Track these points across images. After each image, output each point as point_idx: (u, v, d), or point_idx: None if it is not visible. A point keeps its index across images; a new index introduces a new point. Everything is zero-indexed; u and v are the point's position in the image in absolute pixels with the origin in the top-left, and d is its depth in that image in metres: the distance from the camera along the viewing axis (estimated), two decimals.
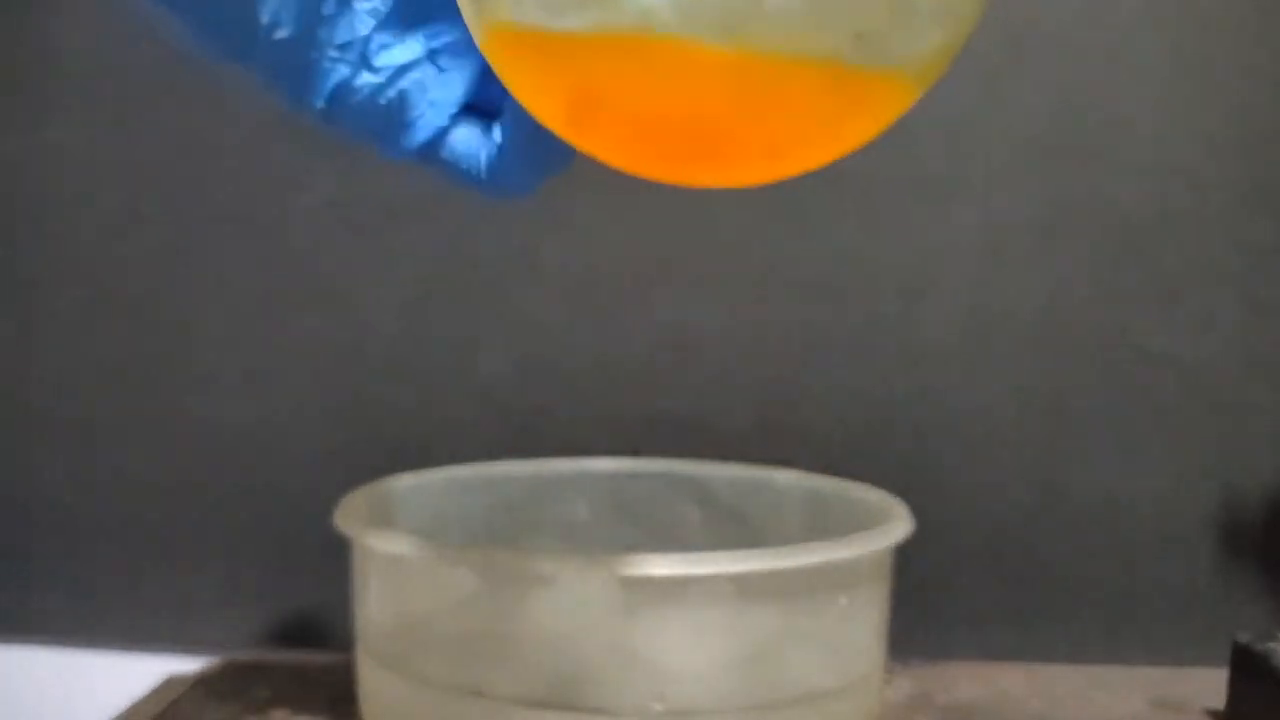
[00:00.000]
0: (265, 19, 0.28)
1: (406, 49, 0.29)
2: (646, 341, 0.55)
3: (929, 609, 0.55)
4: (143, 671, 0.56)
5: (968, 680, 0.52)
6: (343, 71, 0.29)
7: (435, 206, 0.56)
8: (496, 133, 0.30)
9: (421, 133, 0.30)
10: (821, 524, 0.46)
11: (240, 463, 0.56)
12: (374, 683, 0.41)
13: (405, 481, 0.47)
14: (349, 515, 0.41)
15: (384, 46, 0.28)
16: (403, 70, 0.29)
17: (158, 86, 0.55)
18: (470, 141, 0.30)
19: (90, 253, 0.56)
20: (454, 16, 0.27)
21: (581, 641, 0.37)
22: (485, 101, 0.30)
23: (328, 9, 0.28)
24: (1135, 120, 0.53)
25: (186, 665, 0.53)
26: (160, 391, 0.56)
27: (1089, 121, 0.53)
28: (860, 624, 0.40)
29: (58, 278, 0.56)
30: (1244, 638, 0.45)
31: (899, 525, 0.40)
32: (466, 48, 0.29)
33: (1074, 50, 0.53)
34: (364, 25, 0.28)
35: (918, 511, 0.42)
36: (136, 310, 0.56)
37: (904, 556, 0.42)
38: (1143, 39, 0.53)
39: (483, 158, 0.30)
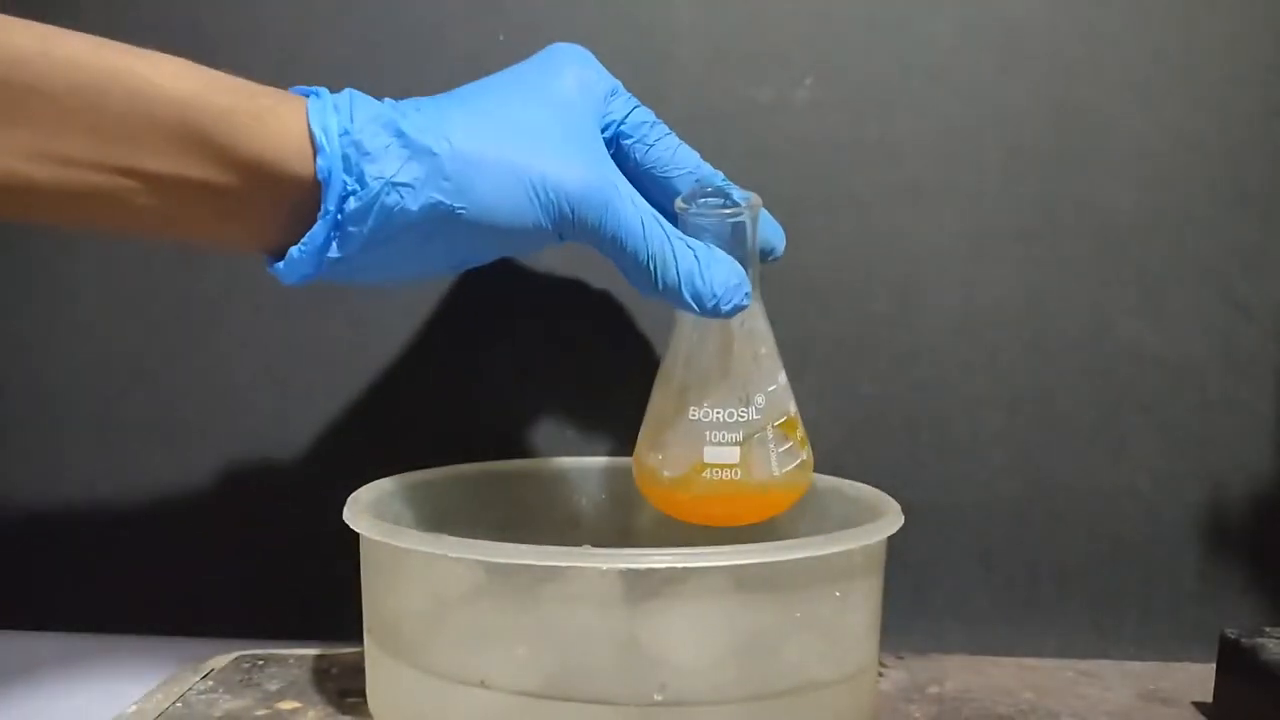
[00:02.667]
0: None
1: None
2: (646, 341, 0.55)
3: (921, 603, 0.55)
4: (154, 663, 0.57)
5: (959, 672, 0.52)
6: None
7: None
8: None
9: None
10: (816, 519, 0.46)
11: (253, 457, 0.56)
12: (382, 674, 0.42)
13: (413, 478, 0.48)
14: (358, 510, 0.41)
15: None
16: None
17: None
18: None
19: (109, 254, 0.56)
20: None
21: (583, 633, 0.37)
22: None
23: None
24: (1120, 124, 0.53)
25: (198, 657, 0.54)
26: (175, 389, 0.56)
27: (1074, 126, 0.53)
28: (854, 616, 0.40)
29: (78, 278, 0.56)
30: (1231, 632, 0.46)
31: (891, 520, 0.41)
32: None
33: (1059, 56, 0.53)
34: None
35: (909, 508, 0.43)
36: (153, 310, 0.56)
37: (896, 551, 0.42)
38: (1126, 44, 0.53)
39: None
